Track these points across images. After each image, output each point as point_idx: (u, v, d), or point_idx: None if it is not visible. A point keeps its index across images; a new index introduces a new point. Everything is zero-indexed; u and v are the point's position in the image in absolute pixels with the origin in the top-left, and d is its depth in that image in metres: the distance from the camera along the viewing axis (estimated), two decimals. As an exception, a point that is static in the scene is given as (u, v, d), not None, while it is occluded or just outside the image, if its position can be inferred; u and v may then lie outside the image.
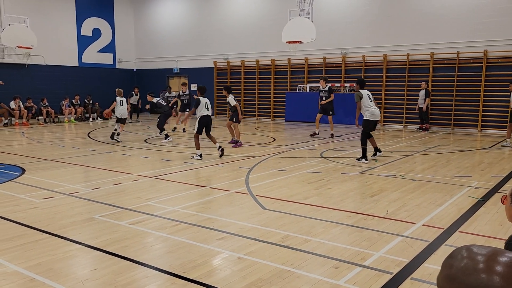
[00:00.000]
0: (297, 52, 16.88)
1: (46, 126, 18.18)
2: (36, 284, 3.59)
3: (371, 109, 9.32)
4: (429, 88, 16.48)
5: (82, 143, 12.75)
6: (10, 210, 5.72)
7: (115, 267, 3.92)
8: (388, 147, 11.95)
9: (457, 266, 0.89)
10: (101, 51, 24.18)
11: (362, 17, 18.19)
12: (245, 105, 22.06)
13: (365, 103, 9.27)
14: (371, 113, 9.32)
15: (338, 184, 7.39)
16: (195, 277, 3.70)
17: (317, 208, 5.87)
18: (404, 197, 6.45)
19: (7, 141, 13.75)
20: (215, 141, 10.11)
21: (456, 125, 16.71)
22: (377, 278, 3.70)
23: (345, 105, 17.59)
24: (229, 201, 6.33)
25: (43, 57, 21.05)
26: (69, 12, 22.60)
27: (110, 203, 6.07)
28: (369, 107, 9.30)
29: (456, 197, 6.50)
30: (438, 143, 12.97)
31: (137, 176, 7.97)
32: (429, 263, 4.03)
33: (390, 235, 4.79)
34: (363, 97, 9.27)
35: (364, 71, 18.37)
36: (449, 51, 16.46)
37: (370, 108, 9.31)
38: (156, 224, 5.15)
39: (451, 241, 4.62)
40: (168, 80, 24.92)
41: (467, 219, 5.41)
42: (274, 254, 4.23)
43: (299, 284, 3.60)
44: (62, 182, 7.38)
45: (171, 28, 24.15)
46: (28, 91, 20.02)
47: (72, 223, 5.19)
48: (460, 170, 8.64)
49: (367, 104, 9.28)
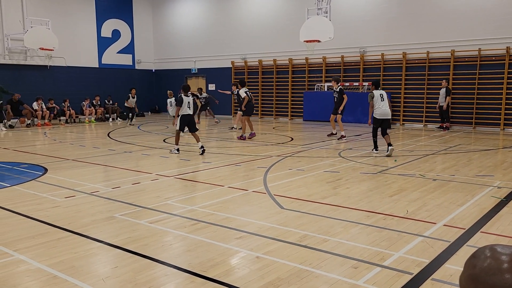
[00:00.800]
0: (315, 51, 16.79)
1: (68, 127, 18.51)
2: (58, 281, 3.66)
3: (380, 108, 10.11)
4: (450, 86, 16.21)
5: (102, 143, 12.94)
6: (33, 208, 5.84)
7: (135, 265, 3.96)
8: (408, 146, 11.81)
9: (480, 266, 0.87)
10: (121, 52, 24.50)
11: (380, 15, 18.00)
12: (262, 105, 22.07)
13: (376, 102, 10.11)
14: (379, 111, 10.13)
15: (357, 183, 7.34)
16: (214, 276, 3.72)
17: (335, 208, 5.84)
18: (425, 197, 6.36)
19: (30, 141, 14.04)
20: (198, 139, 10.57)
21: (478, 124, 16.40)
22: (397, 279, 3.66)
23: (363, 104, 17.41)
24: (247, 200, 6.34)
25: (64, 58, 21.44)
26: (89, 14, 22.96)
27: (130, 202, 6.15)
28: (379, 106, 10.11)
29: (478, 197, 6.38)
30: (459, 142, 12.75)
31: (156, 175, 8.05)
32: (450, 263, 3.97)
33: (410, 235, 4.73)
34: (375, 96, 10.10)
35: (383, 69, 18.18)
36: (471, 48, 16.16)
37: (379, 107, 10.11)
38: (175, 223, 5.20)
39: (473, 241, 4.54)
40: (186, 80, 25.10)
41: (490, 219, 5.30)
42: (292, 253, 4.22)
43: (317, 284, 3.58)
44: (83, 181, 7.50)
45: (189, 29, 24.31)
46: (50, 92, 20.42)
47: (93, 222, 5.27)
48: (482, 170, 8.48)
49: (377, 104, 10.12)
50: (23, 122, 18.42)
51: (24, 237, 4.73)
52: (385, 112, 10.08)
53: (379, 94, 10.09)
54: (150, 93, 25.84)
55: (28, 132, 16.39)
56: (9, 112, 17.89)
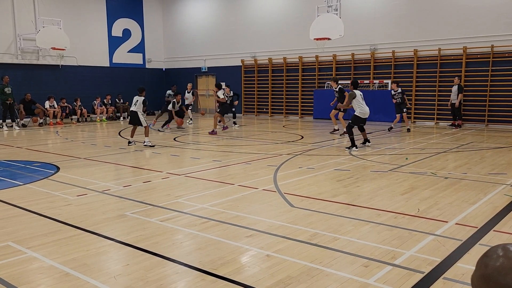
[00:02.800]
0: (325, 49, 16.73)
1: (79, 125, 18.68)
2: (70, 278, 3.70)
3: (363, 107, 10.58)
4: (462, 84, 16.04)
5: (114, 142, 13.04)
6: (46, 206, 5.91)
7: (146, 263, 3.99)
8: (419, 144, 11.71)
9: (492, 266, 0.86)
10: (131, 51, 24.64)
11: (391, 11, 17.86)
12: (272, 103, 22.05)
13: (358, 102, 10.56)
14: (362, 111, 10.57)
15: (368, 182, 7.30)
16: (224, 274, 3.73)
17: (346, 206, 5.82)
18: (436, 195, 6.31)
19: (43, 140, 14.20)
20: (132, 135, 12.03)
21: (490, 121, 16.20)
22: (408, 277, 3.63)
23: (374, 102, 17.29)
24: (257, 198, 6.34)
25: (76, 58, 21.63)
26: (100, 13, 23.12)
27: (140, 200, 6.19)
28: (361, 105, 10.57)
29: (491, 195, 6.30)
30: (471, 140, 12.61)
31: (166, 174, 8.09)
32: (462, 262, 3.93)
33: (422, 233, 4.69)
34: (356, 96, 10.56)
35: (394, 67, 18.04)
36: (483, 45, 15.96)
37: (362, 107, 10.57)
38: (186, 221, 5.22)
39: (485, 240, 4.49)
40: (197, 79, 25.17)
41: (503, 217, 5.24)
42: (302, 252, 4.22)
43: (328, 282, 3.57)
44: (94, 180, 7.57)
45: (199, 28, 24.37)
46: (62, 91, 20.62)
47: (104, 220, 5.32)
48: (495, 168, 8.38)
49: (359, 103, 10.56)
50: (35, 121, 18.63)
51: (37, 235, 4.79)
52: (367, 111, 10.65)
53: (359, 94, 10.59)
54: (160, 92, 25.90)
55: (41, 131, 16.58)
56: (22, 111, 18.11)
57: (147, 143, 11.63)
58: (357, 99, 10.55)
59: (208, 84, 24.85)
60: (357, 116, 10.57)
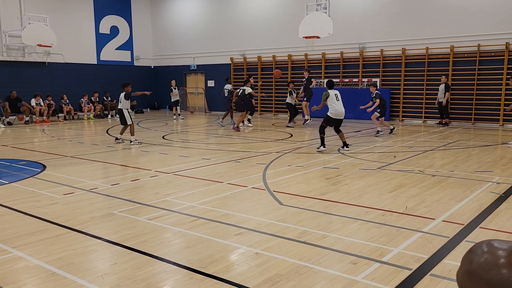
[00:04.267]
0: (314, 47, 16.74)
1: (66, 123, 18.48)
2: (57, 278, 3.66)
3: (335, 108, 10.25)
4: (449, 82, 16.19)
5: (101, 140, 12.93)
6: (31, 205, 5.84)
7: (134, 262, 3.96)
8: (407, 142, 11.81)
9: (477, 261, 0.87)
10: (119, 48, 24.42)
11: (380, 10, 17.95)
12: (262, 101, 22.04)
13: (331, 101, 10.22)
14: (334, 111, 10.25)
15: (356, 179, 7.34)
16: (213, 272, 3.72)
17: (334, 204, 5.84)
18: (424, 193, 6.36)
19: (29, 138, 14.03)
20: (122, 133, 12.16)
21: (477, 120, 16.39)
22: (395, 274, 3.66)
23: (363, 101, 17.37)
24: (246, 197, 6.34)
25: (63, 55, 21.38)
26: (87, 10, 22.87)
27: (128, 198, 6.15)
28: (334, 106, 10.25)
29: (477, 192, 6.38)
30: (458, 138, 12.75)
31: (155, 172, 8.05)
32: (449, 259, 3.97)
33: (409, 231, 4.73)
34: (330, 96, 10.23)
35: (382, 65, 18.14)
36: (470, 44, 16.12)
37: (334, 107, 10.25)
38: (174, 220, 5.20)
39: (472, 237, 4.54)
40: (186, 77, 25.06)
41: (488, 215, 5.31)
42: (291, 249, 4.23)
43: (316, 280, 3.59)
44: (82, 178, 7.50)
45: (188, 25, 24.24)
46: (48, 89, 20.37)
47: (91, 219, 5.27)
48: (481, 165, 8.48)
49: (333, 103, 10.24)
50: (21, 119, 18.38)
51: (23, 234, 4.73)
52: (340, 112, 10.29)
53: (334, 94, 10.26)
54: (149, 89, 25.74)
55: (27, 129, 16.37)
56: (7, 109, 17.86)
57: (134, 142, 11.54)
58: (331, 99, 10.19)
59: (197, 82, 24.76)
60: (328, 116, 10.28)
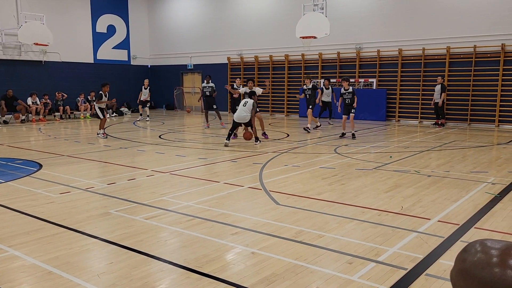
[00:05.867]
0: (311, 47, 16.76)
1: (62, 122, 18.43)
2: (53, 277, 3.65)
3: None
4: (445, 83, 16.25)
5: (98, 139, 12.90)
6: (28, 204, 5.82)
7: (131, 261, 3.97)
8: (403, 143, 11.84)
9: (470, 260, 0.88)
10: (116, 47, 24.36)
11: (377, 11, 18.00)
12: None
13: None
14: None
15: (352, 179, 7.36)
16: (209, 272, 3.73)
17: (331, 204, 5.86)
18: (419, 193, 6.39)
19: (25, 137, 13.98)
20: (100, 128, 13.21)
21: (473, 121, 16.46)
22: (391, 274, 3.68)
23: (359, 101, 17.38)
24: (242, 196, 6.35)
25: (59, 54, 21.32)
26: (84, 9, 22.81)
27: (125, 198, 6.14)
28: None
29: (472, 193, 6.41)
30: (454, 138, 12.80)
31: (151, 171, 8.04)
32: (444, 259, 3.99)
33: (405, 231, 4.75)
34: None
35: (379, 66, 18.19)
36: (466, 45, 16.19)
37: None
38: (171, 219, 5.20)
39: (467, 237, 4.57)
40: (182, 76, 25.02)
41: (484, 215, 5.34)
42: (287, 249, 4.24)
43: (312, 279, 3.60)
44: (78, 177, 7.48)
45: (185, 25, 24.22)
46: (45, 87, 20.30)
47: (88, 218, 5.26)
48: (477, 166, 8.52)
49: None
50: (17, 118, 18.31)
51: (19, 233, 4.72)
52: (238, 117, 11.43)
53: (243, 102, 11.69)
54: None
55: (23, 128, 16.31)
56: (3, 107, 17.79)
57: (100, 135, 12.99)
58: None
59: (194, 81, 24.73)
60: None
